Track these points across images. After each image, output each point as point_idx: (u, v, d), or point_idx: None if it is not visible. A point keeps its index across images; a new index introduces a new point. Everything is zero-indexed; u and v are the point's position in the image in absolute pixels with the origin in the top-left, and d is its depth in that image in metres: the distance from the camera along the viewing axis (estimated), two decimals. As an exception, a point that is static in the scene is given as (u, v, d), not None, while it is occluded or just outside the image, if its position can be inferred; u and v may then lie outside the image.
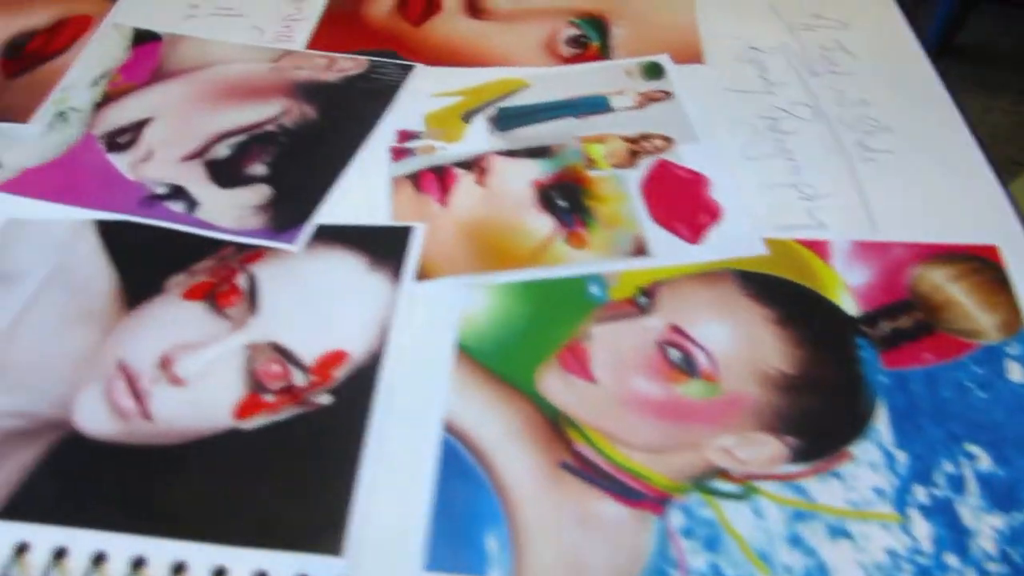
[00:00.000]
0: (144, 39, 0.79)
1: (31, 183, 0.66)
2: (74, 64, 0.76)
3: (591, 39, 0.77)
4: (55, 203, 0.65)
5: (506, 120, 0.69)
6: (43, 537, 0.46)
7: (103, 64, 0.76)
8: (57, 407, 0.52)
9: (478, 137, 0.68)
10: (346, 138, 0.69)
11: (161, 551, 0.46)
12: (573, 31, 0.77)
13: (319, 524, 0.46)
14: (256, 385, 0.52)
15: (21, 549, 0.46)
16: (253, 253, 0.59)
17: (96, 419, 0.51)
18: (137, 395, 0.52)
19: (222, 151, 0.67)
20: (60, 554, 0.46)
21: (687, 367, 0.52)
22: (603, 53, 0.75)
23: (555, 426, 0.50)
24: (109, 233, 0.62)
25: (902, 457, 0.48)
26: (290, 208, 0.63)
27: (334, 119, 0.70)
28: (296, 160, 0.67)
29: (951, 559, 0.44)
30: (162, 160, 0.67)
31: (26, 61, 0.77)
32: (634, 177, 0.63)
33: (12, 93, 0.74)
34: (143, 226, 0.63)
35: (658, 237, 0.59)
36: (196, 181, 0.65)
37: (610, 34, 0.77)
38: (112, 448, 0.50)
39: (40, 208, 0.65)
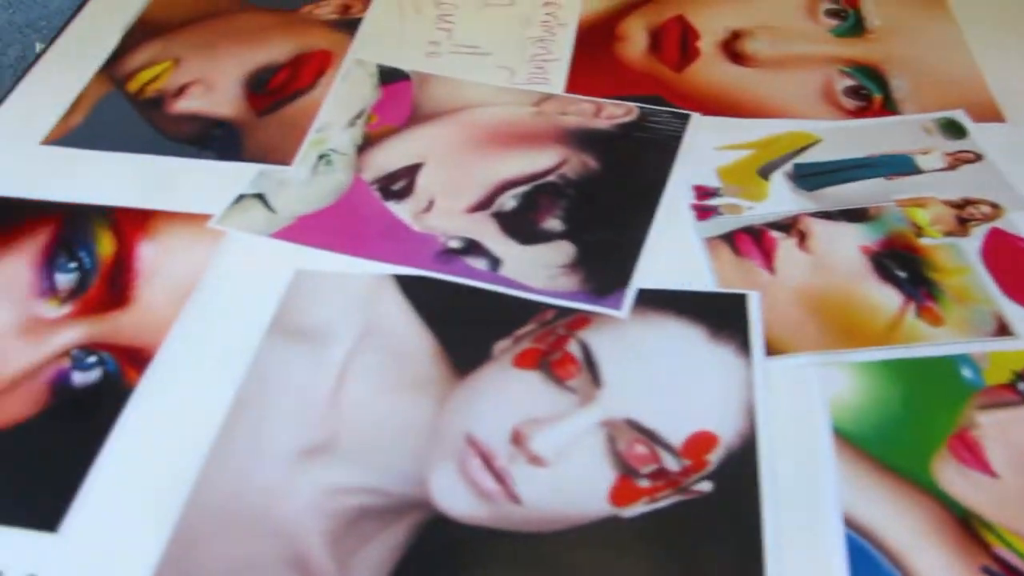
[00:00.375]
0: (391, 77, 0.78)
1: (311, 231, 0.65)
2: (324, 103, 0.76)
3: (872, 91, 0.75)
4: (341, 254, 0.64)
5: (809, 178, 0.67)
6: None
7: (355, 104, 0.76)
8: (412, 484, 0.51)
9: (782, 196, 0.66)
10: (638, 193, 0.67)
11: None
12: (850, 82, 0.76)
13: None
14: (626, 468, 0.50)
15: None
16: (578, 318, 0.58)
17: (459, 501, 0.50)
18: (497, 475, 0.50)
19: (508, 203, 0.66)
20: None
21: (1095, 464, 0.50)
22: (888, 107, 0.74)
23: (966, 526, 0.48)
24: (410, 289, 0.61)
25: None
26: (603, 269, 0.61)
27: (618, 171, 0.69)
28: (591, 215, 0.65)
29: None
30: (445, 211, 0.66)
31: (272, 98, 0.77)
32: (971, 247, 0.61)
33: (265, 132, 0.74)
34: (443, 283, 0.61)
35: (1019, 315, 0.57)
36: (490, 236, 0.64)
37: (890, 86, 0.75)
38: (482, 532, 0.49)
39: (324, 259, 0.64)
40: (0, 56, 2.09)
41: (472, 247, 0.63)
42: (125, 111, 0.76)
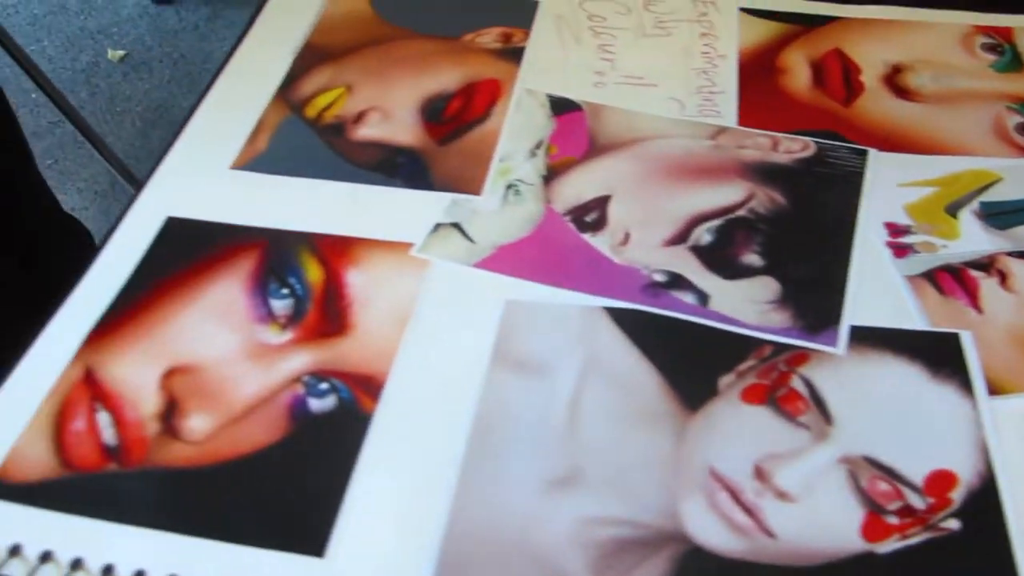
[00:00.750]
0: (563, 108, 0.81)
1: (513, 262, 0.68)
2: (503, 132, 0.79)
3: (1043, 129, 0.78)
4: (546, 285, 0.67)
5: (999, 217, 0.70)
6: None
7: (532, 134, 0.79)
8: (664, 516, 0.54)
9: (975, 234, 0.69)
10: (830, 228, 0.70)
11: None
12: (1020, 119, 0.79)
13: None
14: (872, 504, 0.53)
15: None
16: (796, 355, 0.61)
17: (714, 534, 0.53)
18: (747, 509, 0.53)
19: (704, 237, 0.69)
20: None
21: None
22: (1063, 145, 0.77)
23: None
24: (623, 322, 0.64)
25: None
26: (812, 306, 0.64)
27: (805, 206, 0.72)
28: (788, 251, 0.68)
29: None
30: (642, 243, 0.69)
31: (449, 126, 0.79)
32: None
33: (448, 161, 0.77)
34: (655, 316, 0.64)
35: None
36: (693, 270, 0.67)
37: (1060, 124, 0.78)
38: (742, 566, 0.52)
39: (528, 289, 0.66)
40: (72, 61, 2.13)
41: (677, 281, 0.66)
42: (306, 136, 0.79)
